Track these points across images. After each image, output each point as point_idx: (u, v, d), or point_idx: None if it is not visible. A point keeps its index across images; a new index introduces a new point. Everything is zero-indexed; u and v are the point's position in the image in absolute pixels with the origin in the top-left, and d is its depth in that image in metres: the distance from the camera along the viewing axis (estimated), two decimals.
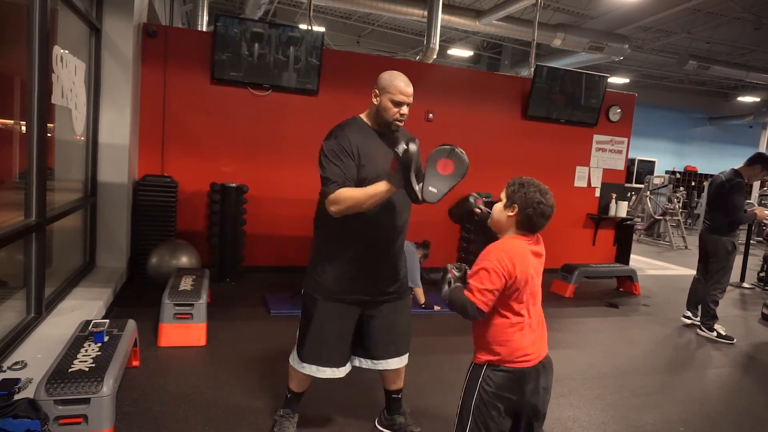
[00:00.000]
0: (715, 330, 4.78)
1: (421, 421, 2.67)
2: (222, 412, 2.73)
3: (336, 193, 2.13)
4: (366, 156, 2.22)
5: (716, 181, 4.82)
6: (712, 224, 4.81)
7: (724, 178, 4.72)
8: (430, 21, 7.96)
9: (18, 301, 3.21)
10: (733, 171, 4.72)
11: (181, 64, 5.36)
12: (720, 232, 4.74)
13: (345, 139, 2.22)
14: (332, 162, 2.17)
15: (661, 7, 10.17)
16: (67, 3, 3.75)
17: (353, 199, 2.10)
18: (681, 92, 19.64)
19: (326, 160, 2.19)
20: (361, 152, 2.22)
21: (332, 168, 2.17)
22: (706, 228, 4.89)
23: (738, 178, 4.64)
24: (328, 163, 2.18)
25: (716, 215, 4.78)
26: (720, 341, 4.70)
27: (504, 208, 1.82)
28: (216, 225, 5.32)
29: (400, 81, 2.24)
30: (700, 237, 5.01)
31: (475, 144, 6.48)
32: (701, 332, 4.86)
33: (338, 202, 2.13)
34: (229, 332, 3.90)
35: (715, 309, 4.79)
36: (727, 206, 4.64)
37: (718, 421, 3.17)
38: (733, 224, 4.73)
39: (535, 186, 1.79)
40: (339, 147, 2.20)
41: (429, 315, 4.72)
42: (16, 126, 3.38)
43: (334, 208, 2.14)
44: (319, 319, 2.33)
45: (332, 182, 2.15)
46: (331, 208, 2.15)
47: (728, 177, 4.68)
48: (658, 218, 11.63)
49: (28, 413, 2.03)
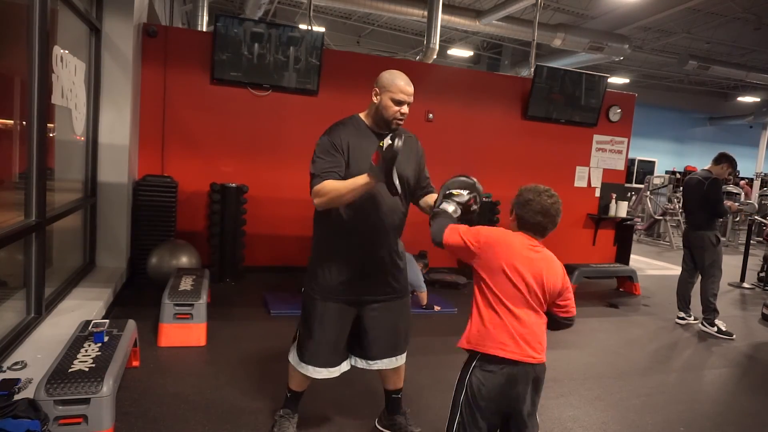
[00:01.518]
0: (716, 325, 4.88)
1: (421, 421, 2.67)
2: (222, 412, 2.73)
3: (320, 186, 2.17)
4: (356, 154, 2.24)
5: (692, 182, 5.10)
6: (695, 222, 5.08)
7: (701, 177, 5.01)
8: (430, 21, 7.96)
9: (18, 301, 3.21)
10: (707, 171, 5.04)
11: (181, 64, 5.36)
12: (703, 227, 4.98)
13: (336, 137, 2.25)
14: (320, 157, 2.23)
15: (661, 7, 10.17)
16: (67, 3, 3.75)
17: (335, 191, 2.13)
18: (681, 92, 19.64)
19: (316, 156, 2.25)
20: (352, 150, 2.24)
21: (319, 163, 2.22)
22: (690, 227, 5.15)
23: (713, 176, 4.93)
24: (317, 159, 2.23)
25: (697, 213, 5.03)
26: (720, 337, 4.79)
27: (510, 215, 1.94)
28: (216, 225, 5.31)
29: (400, 80, 2.25)
30: (684, 237, 5.27)
31: (475, 144, 6.48)
32: (703, 327, 4.97)
33: (321, 194, 2.17)
34: (229, 332, 3.90)
35: (715, 302, 4.92)
36: (708, 203, 4.89)
37: (718, 421, 3.17)
38: (714, 218, 4.99)
39: (532, 189, 1.84)
40: (329, 143, 2.24)
41: (429, 315, 4.72)
42: (16, 126, 3.38)
43: (317, 201, 2.19)
44: (318, 319, 2.33)
45: (317, 176, 2.19)
46: (315, 200, 2.20)
47: (704, 176, 5.00)
48: (658, 218, 11.63)
49: (28, 413, 2.03)
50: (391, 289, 2.41)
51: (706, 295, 4.94)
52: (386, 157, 1.92)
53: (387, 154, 1.91)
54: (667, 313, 5.50)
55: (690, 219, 5.17)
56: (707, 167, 5.08)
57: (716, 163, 5.01)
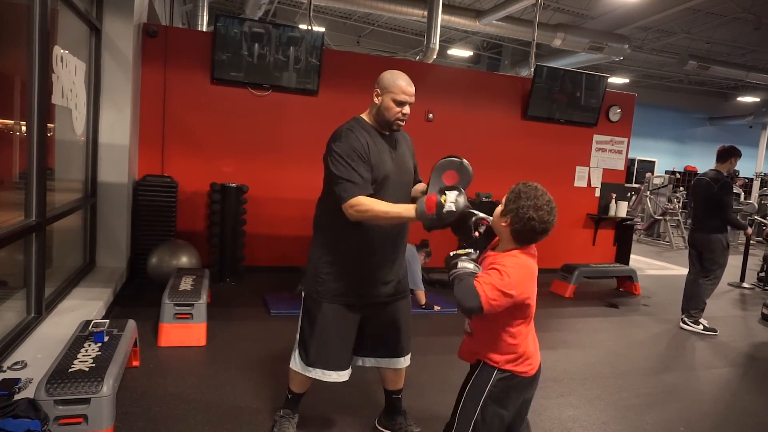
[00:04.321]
0: (700, 323, 4.93)
1: (421, 421, 2.67)
2: (222, 412, 2.73)
3: (357, 199, 2.09)
4: (375, 157, 2.21)
5: (701, 183, 4.94)
6: (704, 224, 4.92)
7: (710, 178, 4.86)
8: (430, 21, 7.95)
9: (18, 301, 3.21)
10: (715, 171, 4.89)
11: (181, 64, 5.36)
12: (713, 230, 4.85)
13: (358, 141, 2.18)
14: (349, 164, 2.13)
15: (661, 7, 10.17)
16: (67, 3, 3.75)
17: (374, 212, 2.08)
18: (681, 92, 19.64)
19: (343, 162, 2.14)
20: (372, 154, 2.20)
21: (349, 171, 2.12)
22: (698, 228, 5.00)
23: (724, 178, 4.81)
24: (345, 166, 2.13)
25: (707, 215, 4.88)
26: (706, 333, 4.86)
27: (501, 215, 1.77)
28: (216, 225, 5.31)
29: (402, 80, 2.23)
30: (690, 238, 5.12)
31: (475, 144, 6.48)
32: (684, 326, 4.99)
33: (360, 210, 2.09)
34: (229, 332, 3.90)
35: (705, 304, 4.95)
36: (718, 206, 4.78)
37: (718, 421, 3.17)
38: (725, 223, 4.86)
39: (532, 199, 1.69)
40: (352, 149, 2.16)
41: (429, 315, 4.72)
42: (16, 126, 3.38)
43: (352, 212, 2.11)
44: (324, 322, 2.30)
45: (352, 183, 2.11)
46: (350, 210, 2.11)
47: (714, 177, 4.84)
48: (658, 218, 11.63)
49: (28, 413, 2.03)
50: (396, 290, 2.41)
51: (701, 294, 4.95)
52: (444, 218, 1.87)
53: (446, 216, 1.86)
54: (667, 313, 5.50)
55: (698, 221, 5.02)
56: (714, 167, 4.94)
57: (723, 161, 4.87)
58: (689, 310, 4.98)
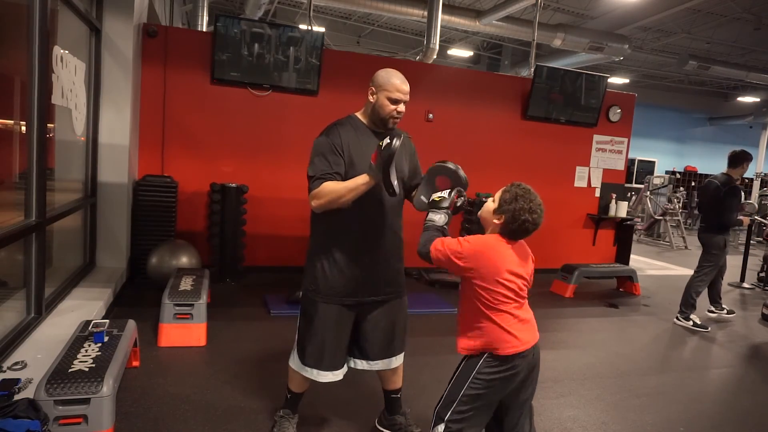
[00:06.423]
0: (691, 319, 5.03)
1: (421, 421, 2.67)
2: (222, 413, 2.73)
3: (318, 188, 2.16)
4: (357, 154, 2.24)
5: (711, 186, 5.07)
6: (708, 224, 5.10)
7: (719, 183, 4.98)
8: (430, 21, 7.95)
9: (18, 301, 3.21)
10: (726, 176, 5.02)
11: (181, 64, 5.36)
12: (715, 230, 5.03)
13: (336, 137, 2.24)
14: (318, 158, 2.21)
15: (661, 7, 10.17)
16: (67, 3, 3.75)
17: (334, 192, 2.13)
18: (681, 92, 19.63)
19: (313, 158, 2.23)
20: (352, 150, 2.24)
21: (317, 165, 2.20)
22: (703, 228, 5.17)
23: (732, 183, 4.95)
24: (314, 161, 2.22)
25: (710, 217, 5.07)
26: (698, 330, 4.95)
27: (493, 213, 1.90)
28: (216, 225, 5.32)
29: (396, 78, 2.25)
30: (698, 238, 5.28)
31: (475, 144, 6.48)
32: (678, 321, 5.12)
33: (319, 197, 2.16)
34: (229, 332, 3.90)
35: (696, 300, 5.06)
36: (722, 209, 4.93)
37: (718, 421, 3.17)
38: (726, 225, 5.02)
39: (527, 202, 1.83)
40: (328, 144, 2.23)
41: (429, 315, 4.72)
42: (16, 126, 3.38)
43: (314, 203, 2.18)
44: (319, 322, 2.32)
45: (316, 178, 2.18)
46: (312, 202, 2.18)
47: (723, 182, 4.97)
48: (658, 218, 11.63)
49: (28, 413, 2.03)
50: (390, 289, 2.41)
51: (689, 290, 5.08)
52: (384, 156, 1.94)
53: (384, 153, 1.94)
54: (667, 313, 5.49)
55: (703, 221, 5.20)
56: (725, 170, 5.06)
57: (734, 166, 5.01)
58: (680, 309, 5.13)
